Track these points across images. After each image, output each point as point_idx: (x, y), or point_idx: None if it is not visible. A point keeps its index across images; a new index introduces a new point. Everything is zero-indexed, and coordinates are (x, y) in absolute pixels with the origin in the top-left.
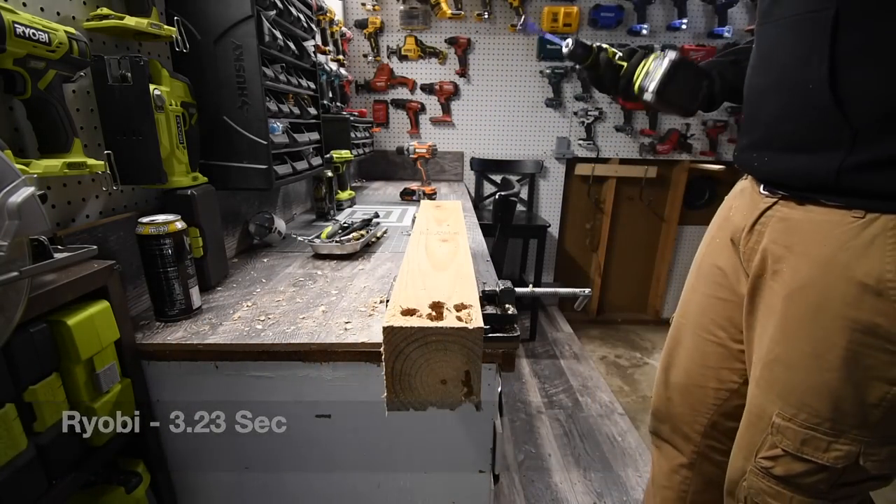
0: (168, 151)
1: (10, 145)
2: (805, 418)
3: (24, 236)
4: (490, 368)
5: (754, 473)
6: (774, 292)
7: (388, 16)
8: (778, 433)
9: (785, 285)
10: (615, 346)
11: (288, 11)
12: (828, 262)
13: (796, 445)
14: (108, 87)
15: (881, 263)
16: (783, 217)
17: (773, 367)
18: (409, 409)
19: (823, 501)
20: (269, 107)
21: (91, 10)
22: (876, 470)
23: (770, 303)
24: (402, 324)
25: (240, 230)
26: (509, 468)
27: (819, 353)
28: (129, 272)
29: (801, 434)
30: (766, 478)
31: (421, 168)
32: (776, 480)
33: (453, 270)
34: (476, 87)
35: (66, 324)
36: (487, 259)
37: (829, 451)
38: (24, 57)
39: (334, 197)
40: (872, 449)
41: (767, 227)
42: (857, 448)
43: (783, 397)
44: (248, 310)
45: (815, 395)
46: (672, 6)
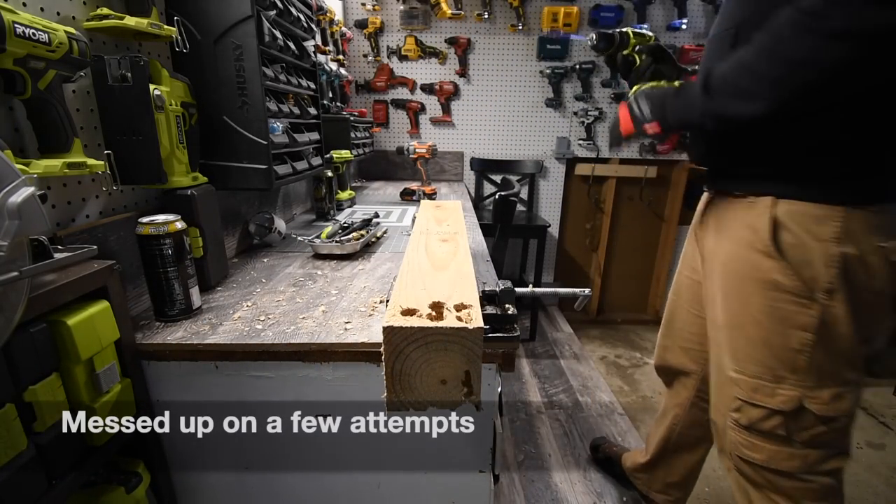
0: (168, 151)
1: (10, 145)
2: (752, 370)
3: (24, 236)
4: (490, 368)
5: (731, 429)
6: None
7: (388, 16)
8: (735, 385)
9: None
10: (615, 346)
11: (288, 11)
12: (738, 237)
13: (749, 394)
14: (108, 87)
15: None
16: (715, 206)
17: (721, 331)
18: (409, 409)
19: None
20: (269, 107)
21: (91, 10)
22: (823, 412)
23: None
24: (402, 324)
25: (240, 230)
26: (509, 468)
27: (749, 312)
28: (129, 272)
29: (751, 384)
30: (738, 430)
31: (421, 168)
32: (746, 431)
33: (453, 270)
34: (476, 87)
35: (66, 324)
36: (487, 259)
37: (775, 396)
38: (24, 57)
39: (334, 197)
40: (812, 392)
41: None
42: (798, 392)
43: (732, 355)
44: (248, 310)
45: (754, 350)
46: (672, 6)
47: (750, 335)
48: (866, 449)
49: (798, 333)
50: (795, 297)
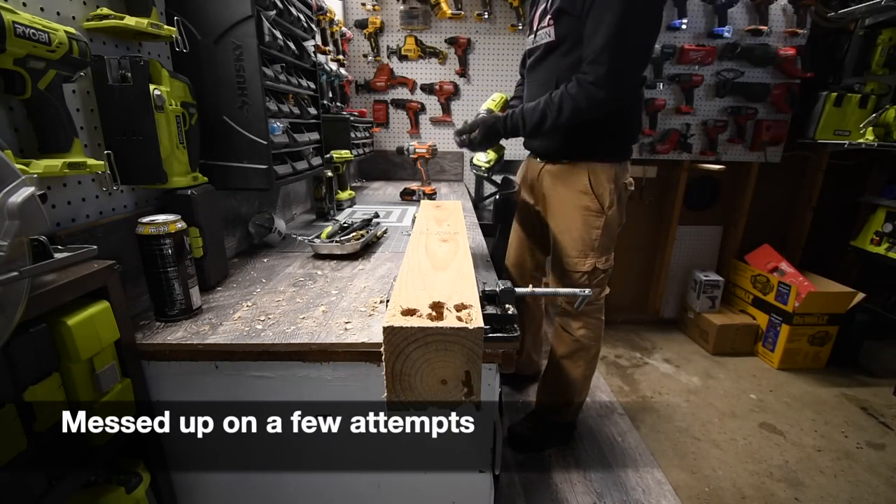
0: (168, 151)
1: (10, 145)
2: (573, 254)
3: (25, 236)
4: (490, 368)
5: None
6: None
7: (388, 16)
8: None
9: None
10: (615, 346)
11: (288, 11)
12: (567, 185)
13: (572, 266)
14: (108, 87)
15: (583, 183)
16: (548, 171)
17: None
18: (410, 409)
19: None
20: (269, 107)
21: (91, 10)
22: (603, 266)
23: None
24: (402, 324)
25: (240, 230)
26: (509, 468)
27: (575, 225)
28: (129, 272)
29: (573, 261)
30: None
31: (421, 168)
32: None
33: (453, 270)
34: (476, 87)
35: (66, 324)
36: (487, 259)
37: (584, 265)
38: (24, 57)
39: (334, 197)
40: (599, 259)
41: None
42: (594, 260)
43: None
44: (248, 310)
45: (575, 243)
46: (672, 6)
47: (574, 236)
48: (866, 449)
49: (594, 231)
50: (595, 213)
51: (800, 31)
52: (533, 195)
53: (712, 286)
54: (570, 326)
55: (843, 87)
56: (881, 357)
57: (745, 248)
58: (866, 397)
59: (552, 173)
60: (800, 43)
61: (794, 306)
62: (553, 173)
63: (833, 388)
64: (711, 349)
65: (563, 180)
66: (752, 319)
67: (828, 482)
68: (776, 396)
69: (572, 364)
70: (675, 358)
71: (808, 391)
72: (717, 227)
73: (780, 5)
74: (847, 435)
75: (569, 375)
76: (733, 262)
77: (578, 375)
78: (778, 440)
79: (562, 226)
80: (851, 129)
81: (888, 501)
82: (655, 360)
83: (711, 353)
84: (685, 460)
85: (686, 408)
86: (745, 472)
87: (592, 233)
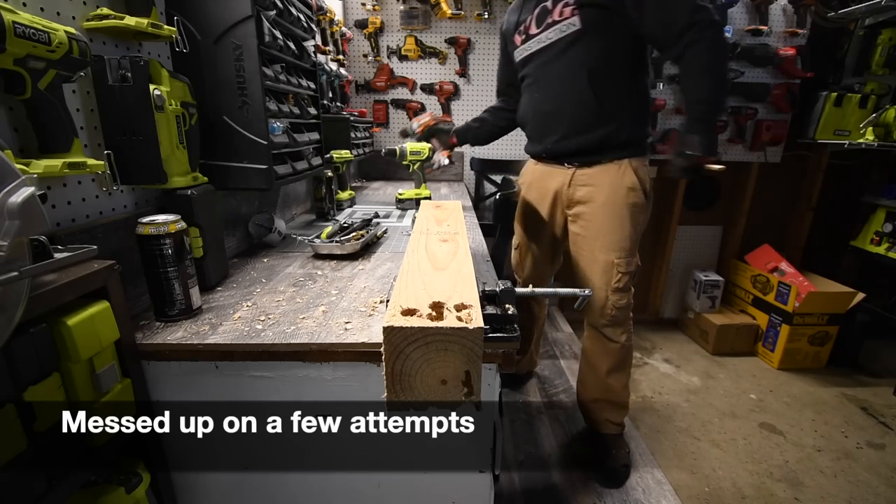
0: (168, 151)
1: (10, 145)
2: (622, 255)
3: (25, 236)
4: (490, 368)
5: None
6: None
7: (388, 16)
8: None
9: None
10: None
11: (288, 11)
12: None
13: (624, 268)
14: (108, 87)
15: (632, 179)
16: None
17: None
18: (410, 409)
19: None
20: (269, 107)
21: (91, 10)
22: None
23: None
24: (402, 324)
25: (240, 230)
26: (509, 468)
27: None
28: (129, 272)
29: (622, 263)
30: (615, 292)
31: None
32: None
33: (453, 270)
34: (476, 87)
35: (66, 324)
36: (487, 259)
37: (632, 264)
38: (24, 57)
39: (334, 197)
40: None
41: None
42: (637, 259)
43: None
44: (248, 310)
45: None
46: None
47: (622, 235)
48: (866, 449)
49: (640, 227)
50: (641, 208)
51: (800, 31)
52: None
53: (712, 286)
54: (615, 335)
55: (843, 87)
56: (881, 357)
57: (745, 248)
58: (866, 397)
59: (590, 175)
60: (800, 43)
61: (794, 306)
62: (592, 175)
63: (833, 388)
64: (711, 349)
65: (608, 181)
66: (752, 319)
67: (828, 482)
68: (776, 396)
69: (620, 374)
70: (675, 358)
71: (808, 391)
72: (717, 226)
73: (780, 5)
74: (847, 435)
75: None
76: (733, 262)
77: (625, 382)
78: (778, 440)
79: (604, 228)
80: (851, 129)
81: (888, 501)
82: (655, 360)
83: (711, 353)
84: (685, 460)
85: (686, 408)
86: (745, 472)
87: (638, 229)
